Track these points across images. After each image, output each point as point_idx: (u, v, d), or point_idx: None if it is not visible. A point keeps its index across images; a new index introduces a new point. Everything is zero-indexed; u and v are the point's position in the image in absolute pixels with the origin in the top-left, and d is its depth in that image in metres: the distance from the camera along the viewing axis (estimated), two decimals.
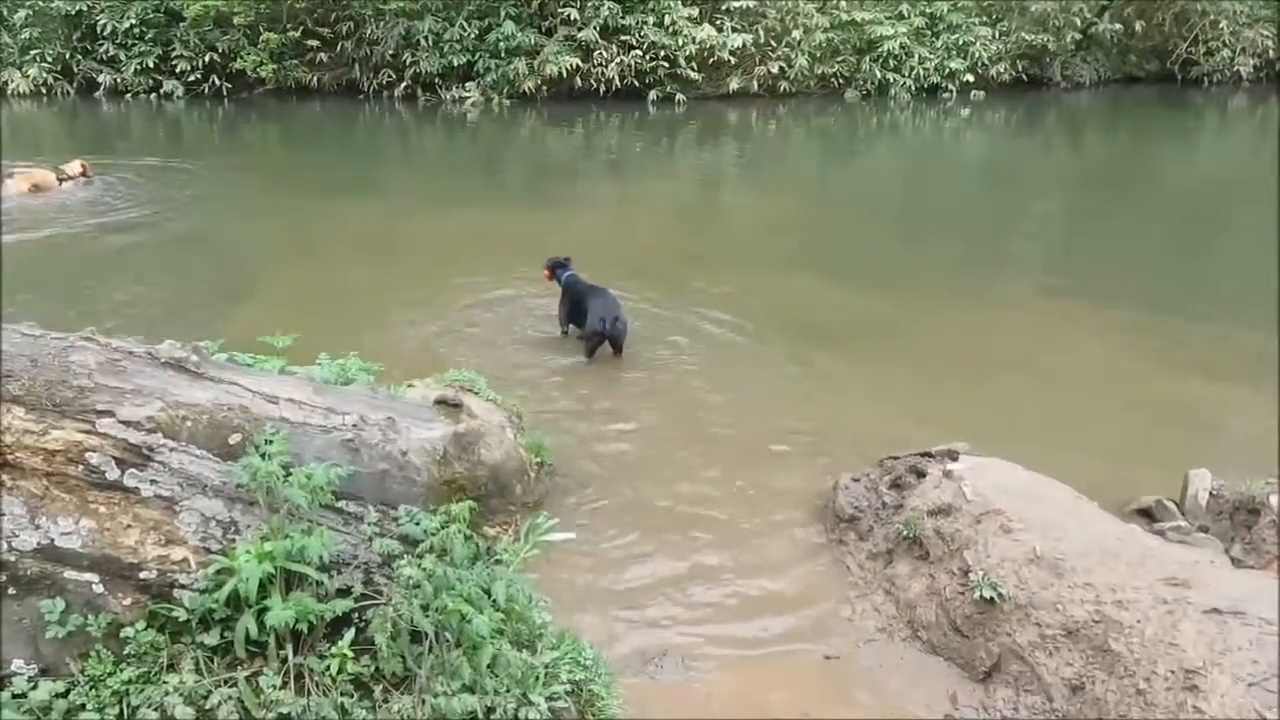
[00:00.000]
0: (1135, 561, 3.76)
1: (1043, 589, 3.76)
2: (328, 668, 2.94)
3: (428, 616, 2.96)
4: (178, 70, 19.65)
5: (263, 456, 3.10)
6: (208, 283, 8.70)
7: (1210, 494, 4.88)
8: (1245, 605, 3.37)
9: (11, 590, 2.91)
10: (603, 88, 19.30)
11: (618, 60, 19.23)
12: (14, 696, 2.82)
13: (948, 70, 20.63)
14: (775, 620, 4.20)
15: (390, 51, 19.50)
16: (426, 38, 19.30)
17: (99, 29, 19.65)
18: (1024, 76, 21.59)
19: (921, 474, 4.69)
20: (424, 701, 2.92)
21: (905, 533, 4.37)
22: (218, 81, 19.61)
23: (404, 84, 19.64)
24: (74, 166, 11.96)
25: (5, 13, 19.71)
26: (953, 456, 4.71)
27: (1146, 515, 4.88)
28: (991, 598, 3.83)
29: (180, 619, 2.97)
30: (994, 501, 4.19)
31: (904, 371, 6.80)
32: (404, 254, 9.68)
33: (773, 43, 20.03)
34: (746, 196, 13.73)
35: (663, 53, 19.25)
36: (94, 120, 18.83)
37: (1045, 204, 12.91)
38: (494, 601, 3.11)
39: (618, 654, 3.84)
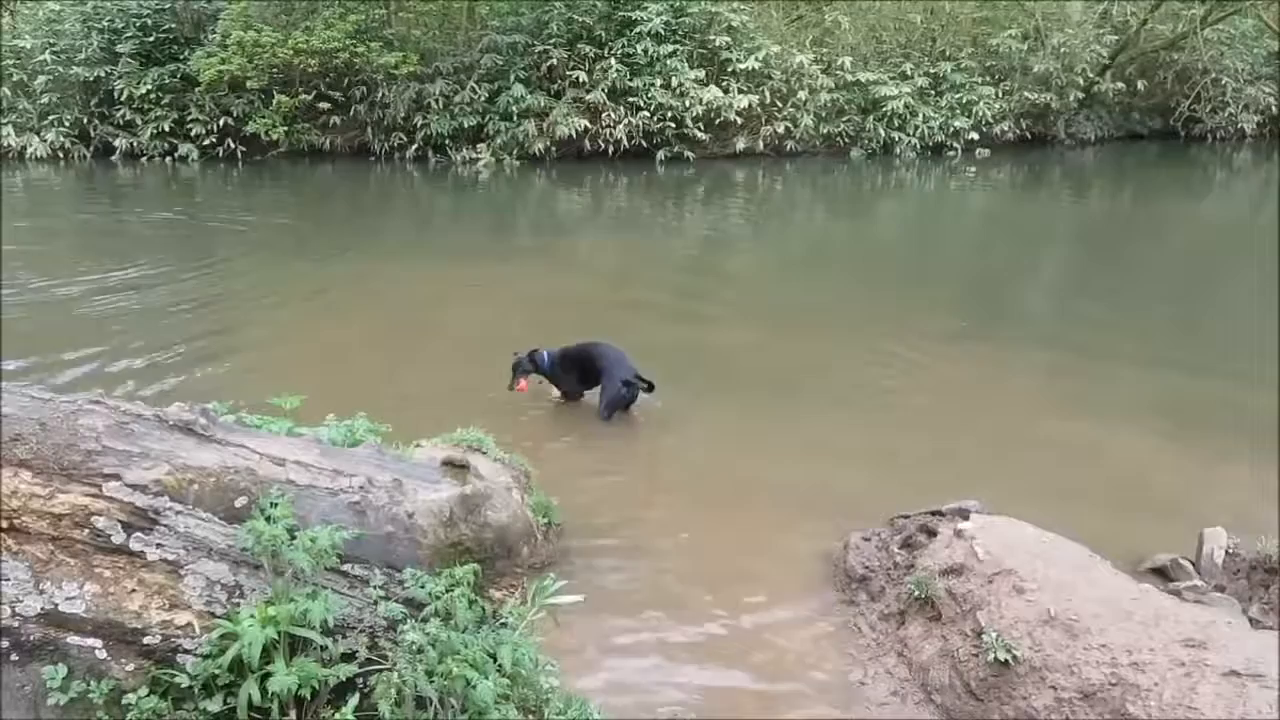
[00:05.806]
0: (1151, 622, 3.69)
1: (1057, 651, 3.69)
2: None
3: (432, 682, 2.92)
4: (193, 134, 20.00)
5: (268, 520, 3.09)
6: (213, 340, 8.74)
7: (1226, 552, 4.81)
8: (1264, 667, 3.31)
9: (14, 656, 2.88)
10: (611, 148, 19.58)
11: (626, 121, 19.52)
12: None
13: (952, 129, 20.88)
14: (786, 683, 4.14)
15: (401, 114, 19.84)
16: (437, 100, 19.65)
17: (116, 94, 20.06)
18: (1028, 134, 21.87)
19: (932, 533, 4.64)
20: None
21: (917, 593, 4.31)
22: (232, 145, 19.93)
23: (415, 146, 19.96)
24: None
25: (26, 79, 20.14)
26: (964, 515, 4.66)
27: (1161, 574, 4.81)
28: (1006, 660, 3.76)
29: (183, 685, 2.93)
30: (1006, 561, 4.13)
31: (900, 428, 6.75)
32: (408, 310, 9.74)
33: (778, 103, 20.34)
34: (747, 252, 13.83)
35: (670, 114, 19.54)
36: (109, 182, 19.09)
37: (1047, 259, 12.96)
38: (500, 666, 3.06)
39: (625, 718, 3.78)
